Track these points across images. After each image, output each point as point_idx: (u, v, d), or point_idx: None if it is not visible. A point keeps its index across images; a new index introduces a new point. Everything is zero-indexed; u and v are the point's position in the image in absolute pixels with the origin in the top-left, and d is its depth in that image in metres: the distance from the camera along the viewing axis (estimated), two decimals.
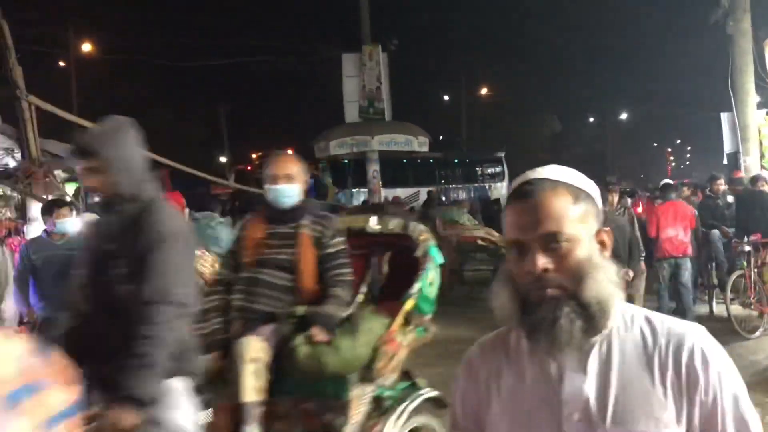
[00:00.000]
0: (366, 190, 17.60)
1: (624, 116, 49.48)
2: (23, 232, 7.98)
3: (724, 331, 6.99)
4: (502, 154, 26.04)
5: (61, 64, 28.83)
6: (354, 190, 19.20)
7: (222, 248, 5.23)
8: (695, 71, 32.36)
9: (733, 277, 7.74)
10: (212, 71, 33.27)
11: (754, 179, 8.60)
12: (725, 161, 12.39)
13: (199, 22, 37.59)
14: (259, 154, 24.68)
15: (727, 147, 12.30)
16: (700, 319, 7.07)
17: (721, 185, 8.72)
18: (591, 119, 51.75)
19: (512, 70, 38.35)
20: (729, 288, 7.69)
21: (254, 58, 27.86)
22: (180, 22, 36.48)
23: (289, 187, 3.42)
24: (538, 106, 40.52)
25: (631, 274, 6.69)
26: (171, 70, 31.19)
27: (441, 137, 39.60)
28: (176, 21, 36.01)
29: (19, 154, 8.22)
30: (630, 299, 7.11)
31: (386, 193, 19.00)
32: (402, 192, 21.08)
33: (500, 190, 24.23)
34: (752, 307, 7.65)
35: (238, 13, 39.46)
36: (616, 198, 7.51)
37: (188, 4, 37.87)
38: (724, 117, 12.18)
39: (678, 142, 64.02)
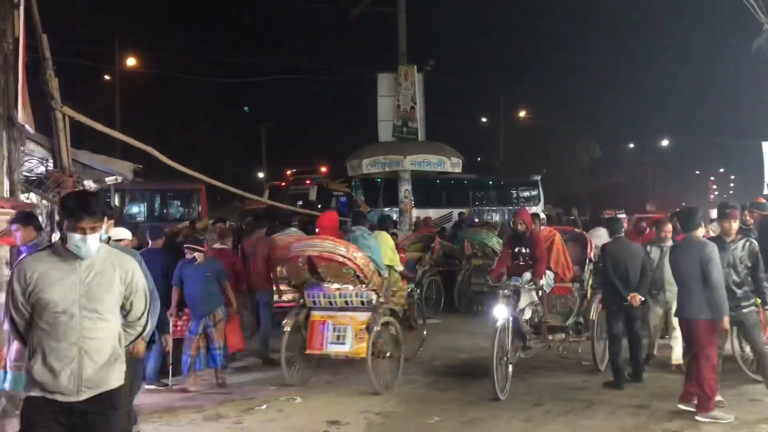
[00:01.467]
0: (397, 209, 17.53)
1: (665, 143, 48.56)
2: (50, 240, 8.09)
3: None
4: (538, 178, 25.75)
5: (107, 77, 29.56)
6: (386, 209, 19.13)
7: (371, 253, 7.44)
8: (739, 98, 31.70)
9: None
10: (252, 89, 33.81)
11: None
12: (765, 191, 12.00)
13: (241, 41, 38.23)
14: (294, 170, 24.84)
15: None
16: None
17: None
18: (631, 145, 50.93)
19: (552, 94, 38.16)
20: None
21: (292, 77, 28.18)
22: (222, 40, 37.14)
23: None
24: (577, 131, 40.11)
25: (638, 298, 7.33)
26: (212, 86, 31.76)
27: (478, 159, 39.54)
28: (218, 39, 36.68)
29: (52, 164, 8.34)
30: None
31: (418, 213, 18.90)
32: (434, 213, 20.94)
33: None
34: None
35: (278, 33, 40.02)
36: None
37: (231, 23, 38.56)
38: (765, 146, 11.83)
39: (721, 170, 62.57)
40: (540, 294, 7.57)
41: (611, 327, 7.53)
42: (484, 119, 41.32)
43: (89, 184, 9.01)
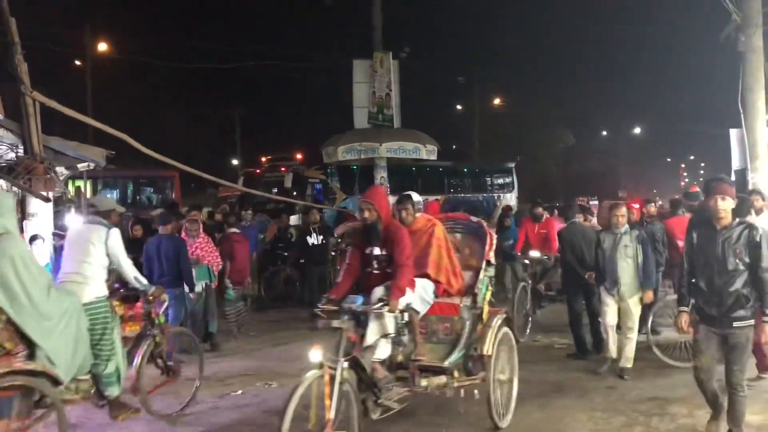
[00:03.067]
0: None
1: (638, 131, 49.15)
2: (21, 228, 7.99)
3: None
4: (513, 165, 25.95)
5: (78, 63, 29.04)
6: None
7: None
8: (707, 87, 32.18)
9: None
10: (225, 76, 33.48)
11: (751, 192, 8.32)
12: (733, 177, 12.23)
13: (214, 26, 37.79)
14: (269, 157, 24.69)
15: (735, 164, 12.14)
16: None
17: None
18: (604, 133, 51.46)
19: (526, 82, 38.30)
20: None
21: (266, 62, 27.94)
22: (195, 25, 36.68)
23: None
24: (551, 119, 40.37)
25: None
26: (185, 73, 31.40)
27: (453, 146, 39.64)
28: (191, 25, 36.23)
29: (22, 150, 8.22)
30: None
31: (393, 201, 18.93)
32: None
33: (509, 200, 24.11)
34: None
35: (252, 18, 39.63)
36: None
37: (203, 8, 38.08)
38: (733, 133, 12.03)
39: (692, 158, 63.54)
40: (406, 318, 5.12)
41: (572, 304, 8.19)
42: (459, 107, 41.42)
43: (61, 171, 8.89)
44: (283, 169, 22.03)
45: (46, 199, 7.97)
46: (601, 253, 7.32)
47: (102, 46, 28.03)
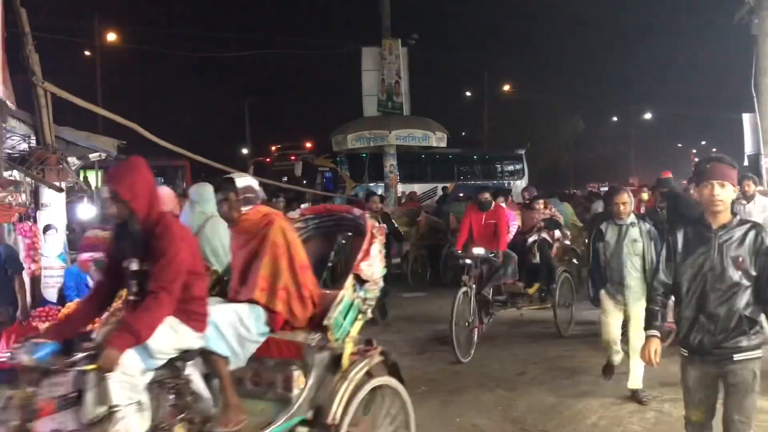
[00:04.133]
0: (383, 184, 17.56)
1: (648, 116, 48.79)
2: (34, 218, 8.07)
3: None
4: (522, 152, 25.84)
5: (87, 53, 29.08)
6: (371, 184, 19.14)
7: None
8: (720, 71, 31.89)
9: None
10: (234, 65, 33.51)
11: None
12: (746, 162, 12.15)
13: (222, 14, 37.75)
14: (279, 146, 24.73)
15: (748, 148, 12.06)
16: None
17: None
18: (615, 119, 51.13)
19: (536, 69, 38.14)
20: None
21: (275, 51, 27.91)
22: (203, 15, 36.66)
23: None
24: (561, 105, 40.15)
25: None
26: (193, 62, 31.40)
27: (463, 134, 39.54)
28: (199, 14, 36.21)
29: (35, 141, 8.28)
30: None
31: (404, 188, 18.93)
32: (419, 187, 20.98)
33: (519, 187, 24.04)
34: None
35: (261, 6, 39.55)
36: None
37: None
38: (746, 118, 11.94)
39: (703, 143, 63.07)
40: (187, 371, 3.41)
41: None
42: (468, 93, 41.25)
43: (73, 161, 8.96)
44: (292, 157, 22.08)
45: (59, 189, 8.03)
46: (602, 247, 6.03)
47: (111, 36, 28.04)
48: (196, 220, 5.23)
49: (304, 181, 19.53)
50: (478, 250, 8.00)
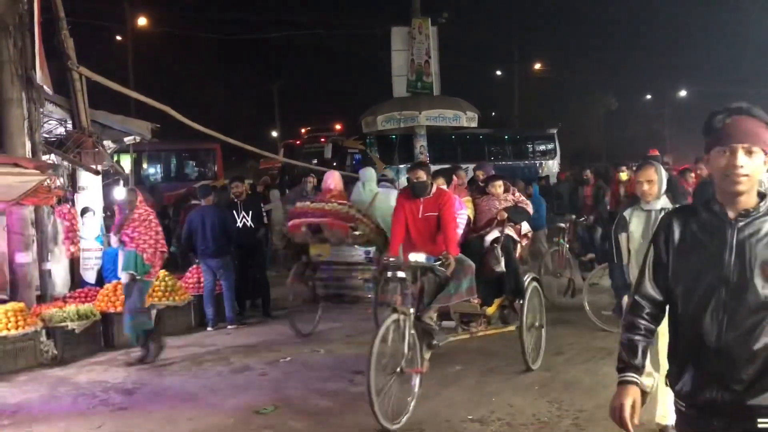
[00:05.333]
0: None
1: (683, 93, 47.72)
2: (72, 201, 8.20)
3: None
4: (555, 131, 25.51)
5: (118, 38, 29.36)
6: (401, 165, 19.09)
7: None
8: (759, 47, 31.01)
9: None
10: (263, 47, 33.52)
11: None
12: None
13: None
14: (308, 129, 24.75)
15: None
16: None
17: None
18: (648, 96, 50.13)
19: (567, 46, 37.52)
20: None
21: (304, 32, 27.86)
22: None
23: None
24: (593, 83, 39.51)
25: None
26: (224, 45, 31.52)
27: (493, 113, 39.16)
28: None
29: (71, 125, 8.39)
30: None
31: (433, 169, 18.82)
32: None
33: (551, 167, 23.76)
34: None
35: None
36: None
37: None
38: None
39: None
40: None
41: None
42: (498, 72, 40.78)
43: (108, 145, 9.08)
44: (322, 139, 22.09)
45: (96, 172, 8.15)
46: (625, 239, 4.65)
47: (141, 21, 28.25)
48: (366, 196, 7.60)
49: (334, 163, 19.53)
50: (417, 257, 5.49)
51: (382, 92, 18.92)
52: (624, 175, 9.31)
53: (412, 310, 5.20)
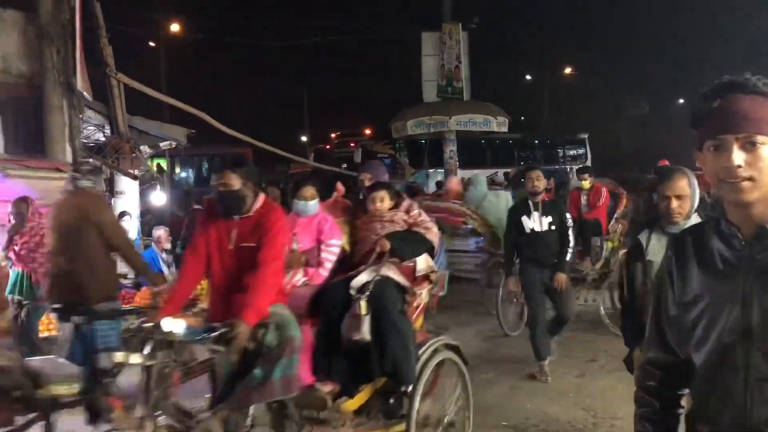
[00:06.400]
0: (442, 170, 17.50)
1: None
2: (110, 205, 8.35)
3: None
4: (585, 136, 25.30)
5: (151, 44, 29.83)
6: (431, 170, 19.11)
7: None
8: None
9: None
10: (293, 52, 33.82)
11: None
12: None
13: (281, 1, 38.08)
14: (338, 133, 24.91)
15: None
16: None
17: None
18: (681, 101, 49.46)
19: (598, 50, 37.18)
20: None
21: (334, 37, 28.04)
22: (261, 2, 37.08)
23: None
24: (624, 88, 39.11)
25: None
26: (254, 50, 31.84)
27: (522, 118, 38.93)
28: (258, 1, 36.67)
29: (109, 130, 8.58)
30: None
31: (463, 174, 18.82)
32: (480, 173, 20.82)
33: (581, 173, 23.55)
34: None
35: None
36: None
37: None
38: None
39: None
40: None
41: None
42: (528, 77, 40.58)
43: (145, 150, 9.26)
44: (352, 144, 22.22)
45: (134, 177, 8.32)
46: (641, 272, 3.27)
47: (174, 27, 28.67)
48: (477, 196, 9.29)
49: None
50: (174, 324, 3.26)
51: (412, 97, 18.98)
52: (586, 183, 9.21)
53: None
